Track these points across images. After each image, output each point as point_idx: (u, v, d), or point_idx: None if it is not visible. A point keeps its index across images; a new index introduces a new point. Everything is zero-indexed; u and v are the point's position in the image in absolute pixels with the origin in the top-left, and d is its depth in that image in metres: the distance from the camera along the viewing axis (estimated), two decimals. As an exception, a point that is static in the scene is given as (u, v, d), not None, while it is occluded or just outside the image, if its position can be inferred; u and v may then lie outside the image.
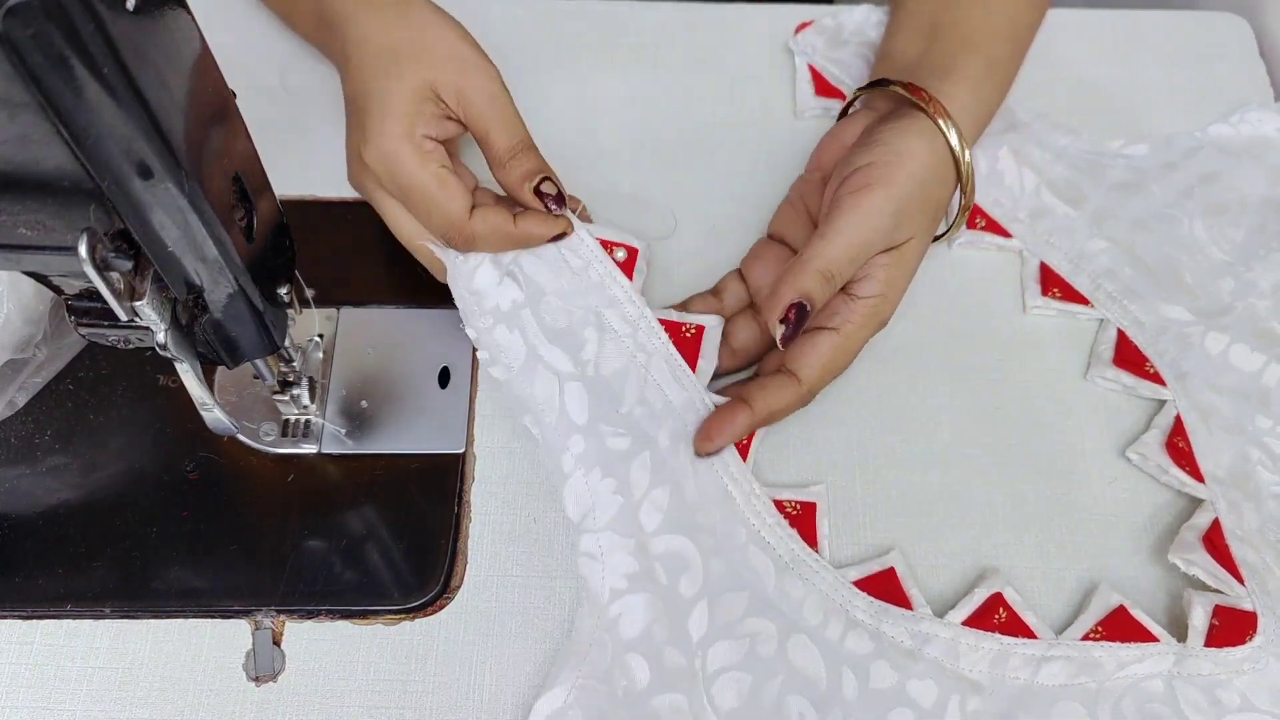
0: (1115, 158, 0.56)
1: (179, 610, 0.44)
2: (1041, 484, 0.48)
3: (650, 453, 0.45)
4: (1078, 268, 0.53)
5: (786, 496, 0.46)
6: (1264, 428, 0.48)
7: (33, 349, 0.47)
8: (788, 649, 0.42)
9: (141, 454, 0.47)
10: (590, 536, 0.44)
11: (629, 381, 0.46)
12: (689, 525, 0.44)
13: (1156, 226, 0.54)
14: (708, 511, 0.45)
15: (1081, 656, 0.42)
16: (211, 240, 0.33)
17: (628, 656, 0.42)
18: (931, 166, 0.46)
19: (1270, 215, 0.54)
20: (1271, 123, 0.57)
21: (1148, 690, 0.42)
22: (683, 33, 0.61)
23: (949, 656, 0.42)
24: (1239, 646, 0.42)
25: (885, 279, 0.45)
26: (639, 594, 0.43)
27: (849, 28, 0.60)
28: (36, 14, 0.24)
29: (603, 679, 0.42)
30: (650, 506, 0.44)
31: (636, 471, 0.45)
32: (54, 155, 0.28)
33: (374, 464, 0.47)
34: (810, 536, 0.45)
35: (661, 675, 0.42)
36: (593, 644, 0.42)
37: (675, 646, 0.42)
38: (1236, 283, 0.52)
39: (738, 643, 0.42)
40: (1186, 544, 0.45)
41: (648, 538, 0.44)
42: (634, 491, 0.45)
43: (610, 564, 0.43)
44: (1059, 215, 0.54)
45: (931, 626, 0.43)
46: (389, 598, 0.44)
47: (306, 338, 0.49)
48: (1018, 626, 0.43)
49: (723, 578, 0.44)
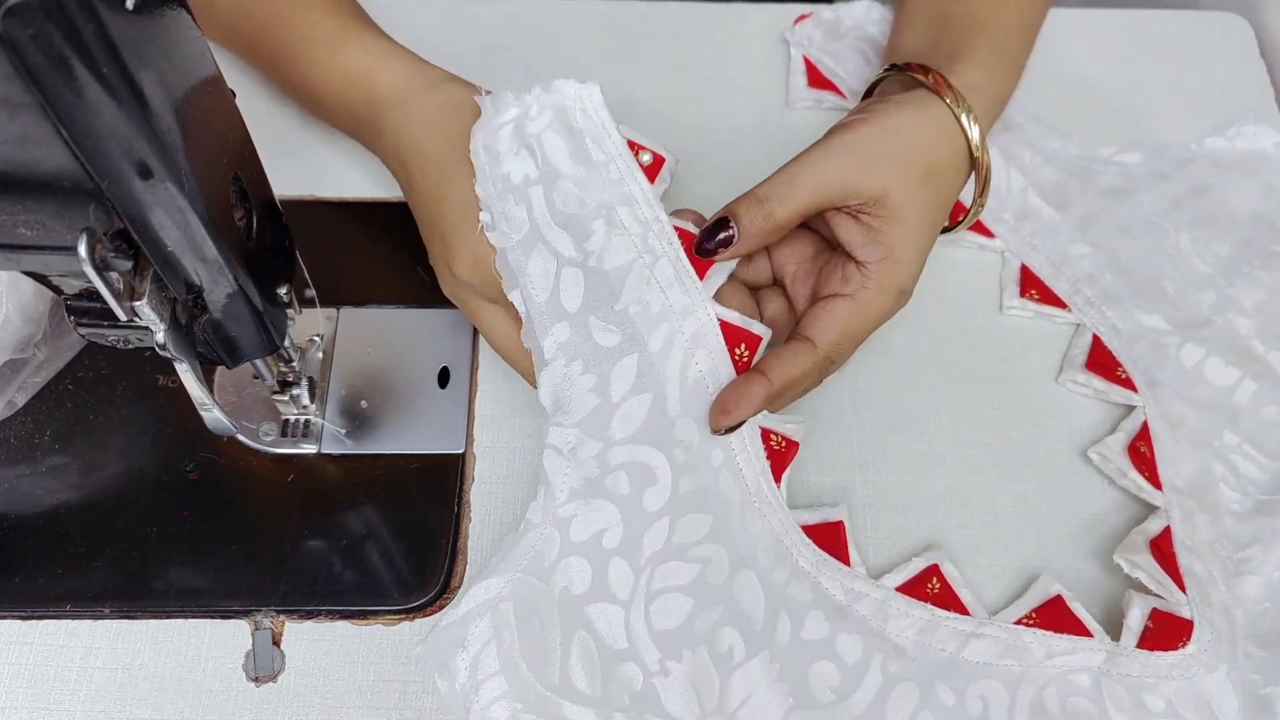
0: (1106, 164, 0.56)
1: (179, 610, 0.44)
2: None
3: (638, 356, 0.43)
4: (1059, 271, 0.53)
5: (774, 426, 0.44)
6: (1231, 444, 0.48)
7: (32, 349, 0.47)
8: (734, 582, 0.42)
9: (141, 454, 0.47)
10: (559, 430, 0.43)
11: (630, 278, 0.44)
12: (665, 438, 0.43)
13: (1142, 235, 0.53)
14: (687, 425, 0.43)
15: (1011, 639, 0.42)
16: (211, 240, 0.33)
17: (572, 559, 0.41)
18: (922, 125, 0.44)
19: (1258, 231, 0.54)
20: (1269, 137, 0.57)
21: (1074, 683, 0.42)
22: (683, 32, 0.61)
23: (877, 617, 0.42)
24: (1170, 652, 0.42)
25: (886, 241, 0.43)
26: (597, 499, 0.42)
27: (847, 22, 0.60)
28: (36, 14, 0.24)
29: (542, 576, 0.41)
30: (626, 413, 0.43)
31: (619, 373, 0.43)
32: (54, 155, 0.28)
33: (374, 464, 0.47)
34: (778, 474, 0.44)
35: (602, 584, 0.41)
36: (540, 539, 0.41)
37: (624, 558, 0.41)
38: (1218, 297, 0.52)
39: (689, 565, 0.42)
40: (1134, 546, 0.45)
41: (616, 444, 0.42)
42: (612, 394, 0.43)
43: (575, 462, 0.42)
44: (1044, 218, 0.54)
45: (865, 586, 0.43)
46: (389, 598, 0.44)
47: (306, 338, 0.49)
48: (951, 600, 0.43)
49: (690, 497, 0.42)
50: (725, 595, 0.42)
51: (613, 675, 0.40)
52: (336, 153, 0.56)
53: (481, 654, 0.39)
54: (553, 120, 0.46)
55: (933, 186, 0.44)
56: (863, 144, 0.43)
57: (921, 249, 0.44)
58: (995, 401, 0.50)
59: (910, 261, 0.44)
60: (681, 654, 0.41)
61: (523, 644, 0.40)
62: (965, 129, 0.45)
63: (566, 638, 0.40)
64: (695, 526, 0.42)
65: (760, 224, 0.43)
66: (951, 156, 0.45)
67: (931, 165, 0.44)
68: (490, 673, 0.39)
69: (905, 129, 0.44)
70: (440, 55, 0.59)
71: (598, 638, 0.40)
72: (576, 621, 0.40)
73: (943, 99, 0.45)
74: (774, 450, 0.44)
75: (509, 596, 0.40)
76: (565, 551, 0.41)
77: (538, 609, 0.40)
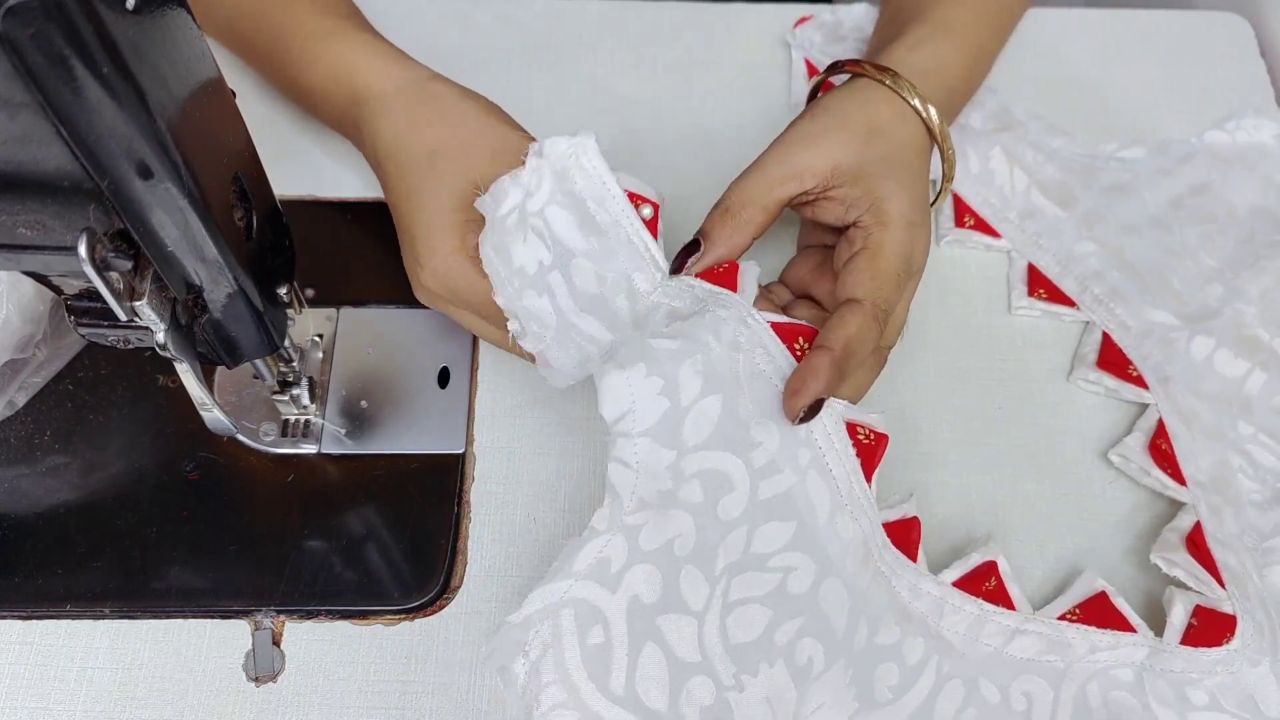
0: (1109, 161, 0.56)
1: (179, 610, 0.44)
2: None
3: (703, 355, 0.40)
4: (1065, 270, 0.53)
5: (860, 420, 0.42)
6: (1245, 434, 0.48)
7: (33, 349, 0.47)
8: (820, 590, 0.40)
9: (141, 454, 0.47)
10: (626, 443, 0.40)
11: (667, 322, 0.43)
12: (741, 441, 0.40)
13: (1147, 231, 0.54)
14: (764, 426, 0.40)
15: (1054, 634, 0.42)
16: (211, 240, 0.33)
17: (641, 566, 0.39)
18: (846, 100, 0.46)
19: (1259, 225, 0.54)
20: (1269, 129, 0.57)
21: (1116, 678, 0.42)
22: (682, 32, 0.61)
23: (934, 614, 0.42)
24: (1214, 648, 0.42)
25: (861, 197, 0.43)
26: (670, 509, 0.40)
27: (847, 24, 0.60)
28: (36, 14, 0.24)
29: (608, 584, 0.39)
30: (699, 416, 0.40)
31: (687, 373, 0.40)
32: (54, 155, 0.28)
33: (374, 464, 0.47)
34: (868, 471, 0.42)
35: (674, 593, 0.39)
36: (605, 545, 0.39)
37: (697, 567, 0.39)
38: (1225, 289, 0.52)
39: (768, 575, 0.40)
40: (1169, 545, 0.45)
41: (690, 451, 0.40)
42: (682, 396, 0.40)
43: (644, 474, 0.40)
44: (1049, 217, 0.54)
45: (926, 583, 0.43)
46: (389, 598, 0.44)
47: (306, 338, 0.49)
48: (1002, 596, 0.43)
49: (771, 503, 0.40)
50: (809, 605, 0.40)
51: (682, 689, 0.38)
52: (336, 153, 0.56)
53: (541, 661, 0.38)
54: (553, 191, 0.45)
55: (880, 139, 0.45)
56: (800, 129, 0.46)
57: (902, 183, 0.44)
58: (1003, 402, 0.50)
59: (895, 196, 0.43)
60: (759, 668, 0.39)
61: (583, 653, 0.38)
62: (896, 90, 0.46)
63: (635, 648, 0.38)
64: (776, 535, 0.40)
65: (720, 225, 0.44)
66: (888, 112, 0.46)
67: (869, 124, 0.45)
68: (548, 680, 0.38)
69: (833, 105, 0.46)
70: (440, 55, 0.59)
71: (668, 650, 0.39)
72: (646, 632, 0.39)
73: (862, 74, 0.47)
74: (862, 445, 0.42)
75: (569, 603, 0.39)
76: (634, 559, 0.39)
77: (602, 617, 0.39)
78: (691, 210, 0.55)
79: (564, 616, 0.38)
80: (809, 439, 0.41)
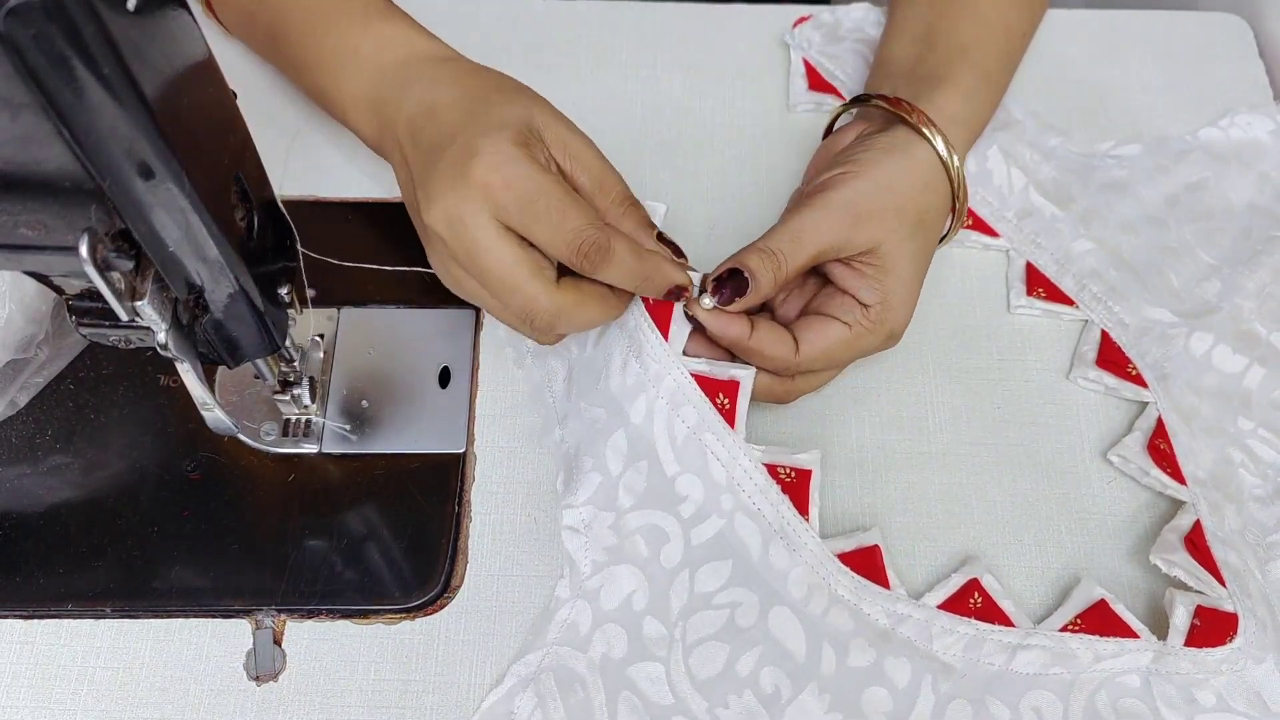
0: (1105, 159, 0.56)
1: (180, 610, 0.44)
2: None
3: (624, 430, 0.45)
4: (1063, 268, 0.53)
5: (780, 461, 0.45)
6: (1246, 429, 0.48)
7: (34, 349, 0.47)
8: (769, 620, 0.43)
9: (142, 454, 0.47)
10: (572, 511, 0.44)
11: (614, 355, 0.45)
12: (667, 497, 0.44)
13: (1144, 229, 0.54)
14: (688, 480, 0.44)
15: (1058, 647, 0.42)
16: (212, 240, 0.33)
17: (607, 626, 0.43)
18: (909, 174, 0.46)
19: (1255, 221, 0.54)
20: (1262, 126, 0.57)
21: (1124, 685, 0.42)
22: (682, 32, 0.61)
23: (922, 638, 0.42)
24: (1218, 648, 0.42)
25: (881, 287, 0.45)
26: (620, 565, 0.43)
27: (846, 24, 0.60)
28: (38, 14, 0.24)
29: (579, 646, 0.42)
30: (628, 483, 0.44)
31: (612, 449, 0.45)
32: (55, 155, 0.28)
33: (374, 464, 0.47)
34: (802, 505, 0.44)
35: (639, 645, 0.42)
36: (572, 612, 0.43)
37: (655, 616, 0.43)
38: (1223, 285, 0.52)
39: (717, 613, 0.43)
40: (1168, 545, 0.45)
41: (627, 512, 0.44)
42: (610, 469, 0.44)
43: (592, 536, 0.44)
44: (1046, 216, 0.54)
45: (907, 608, 0.43)
46: (389, 597, 0.44)
47: (307, 337, 0.49)
48: (994, 613, 0.43)
49: (705, 547, 0.44)
50: (762, 635, 0.42)
51: None
52: (337, 152, 0.56)
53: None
54: None
55: (922, 233, 0.46)
56: (856, 201, 0.45)
57: (913, 295, 0.46)
58: (1004, 401, 0.50)
59: (902, 307, 0.46)
60: (729, 700, 0.42)
61: (567, 711, 0.41)
62: (947, 164, 0.47)
63: (612, 700, 0.41)
64: (714, 574, 0.43)
65: (772, 278, 0.43)
66: (938, 201, 0.47)
67: (920, 213, 0.46)
68: None
69: (896, 182, 0.46)
70: (441, 56, 0.59)
71: (643, 696, 0.42)
72: (620, 683, 0.42)
73: (930, 142, 0.46)
74: (786, 483, 0.44)
75: (548, 668, 0.42)
76: (599, 620, 0.43)
77: (579, 676, 0.42)
78: (691, 210, 0.55)
79: (544, 681, 0.42)
80: (731, 485, 0.44)
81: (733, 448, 0.44)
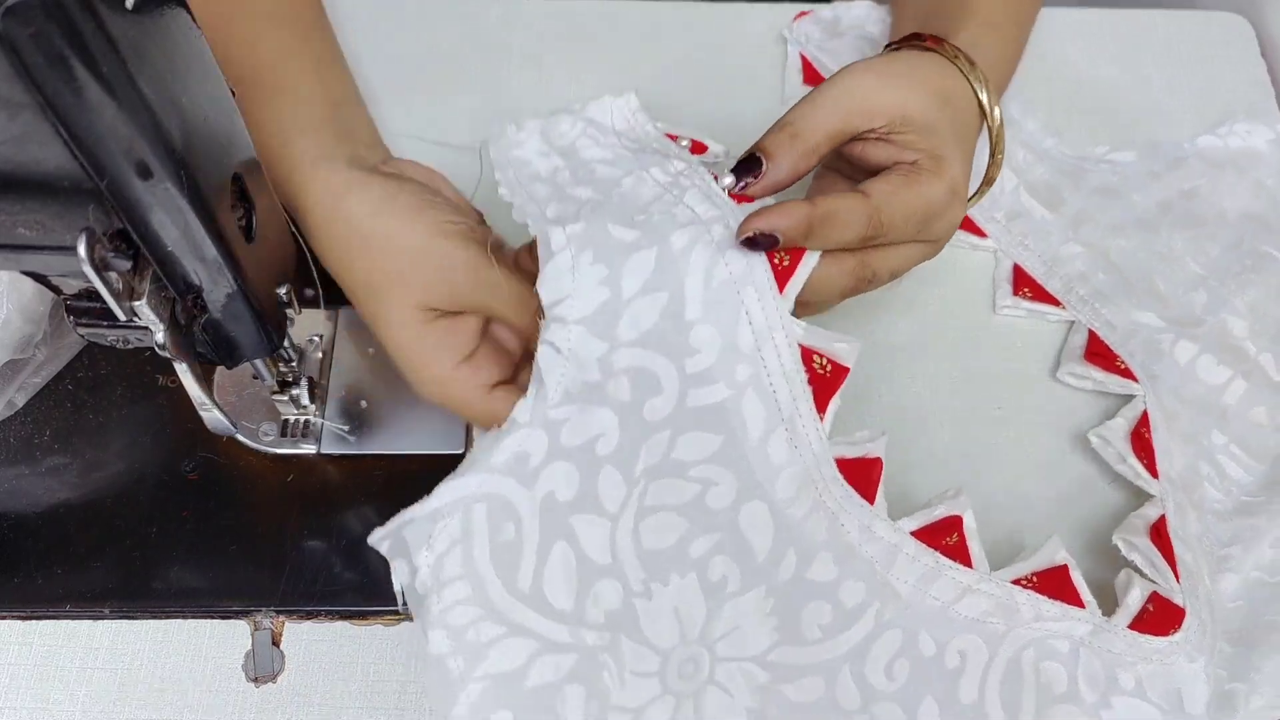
0: (1099, 163, 0.56)
1: (178, 610, 0.44)
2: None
3: (658, 249, 0.38)
4: (1051, 271, 0.53)
5: (819, 347, 0.40)
6: (1218, 444, 0.48)
7: (32, 349, 0.47)
8: (740, 511, 0.39)
9: (141, 454, 0.47)
10: (560, 327, 0.38)
11: (656, 202, 0.40)
12: (677, 345, 0.39)
13: (1134, 233, 0.53)
14: (707, 333, 0.39)
15: (1004, 597, 0.41)
16: (211, 240, 0.33)
17: (560, 463, 0.38)
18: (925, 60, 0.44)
19: (1247, 231, 0.54)
20: (1262, 135, 0.57)
21: (1052, 648, 0.41)
22: (682, 32, 0.61)
23: (884, 560, 0.40)
24: (1160, 637, 0.42)
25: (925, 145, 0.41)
26: (594, 405, 0.38)
27: (846, 20, 0.60)
28: (36, 13, 0.24)
29: (524, 480, 0.38)
30: (636, 312, 0.39)
31: (634, 267, 0.38)
32: (53, 155, 0.28)
33: (373, 464, 0.47)
34: (823, 402, 0.40)
35: (591, 493, 0.38)
36: (525, 439, 0.38)
37: (617, 468, 0.38)
38: (1210, 297, 0.51)
39: (687, 484, 0.39)
40: (1133, 529, 0.45)
41: (622, 346, 0.39)
42: (624, 288, 0.38)
43: (574, 363, 0.38)
44: (1035, 217, 0.54)
45: (880, 526, 0.40)
46: (388, 598, 0.44)
47: (306, 338, 0.48)
48: (961, 553, 0.42)
49: (699, 412, 0.39)
50: (727, 522, 0.39)
51: (589, 590, 0.38)
52: (336, 153, 0.55)
53: (447, 555, 0.37)
54: (586, 129, 0.45)
55: (950, 108, 0.43)
56: (876, 66, 0.43)
57: (965, 156, 0.43)
58: (991, 401, 0.50)
59: (957, 161, 0.42)
60: (669, 577, 0.38)
61: (492, 549, 0.37)
62: (968, 77, 0.44)
63: (545, 546, 0.38)
64: (700, 445, 0.39)
65: (788, 146, 0.40)
66: (961, 89, 0.44)
67: (944, 90, 0.43)
68: (453, 576, 0.37)
69: (912, 59, 0.44)
70: (440, 55, 0.59)
71: (579, 549, 0.38)
72: (558, 531, 0.38)
73: (941, 53, 0.45)
74: (816, 375, 0.39)
75: (483, 497, 0.38)
76: (554, 455, 0.38)
77: (515, 512, 0.38)
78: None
79: (476, 512, 0.38)
80: (754, 355, 0.39)
81: (773, 314, 0.39)
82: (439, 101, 0.56)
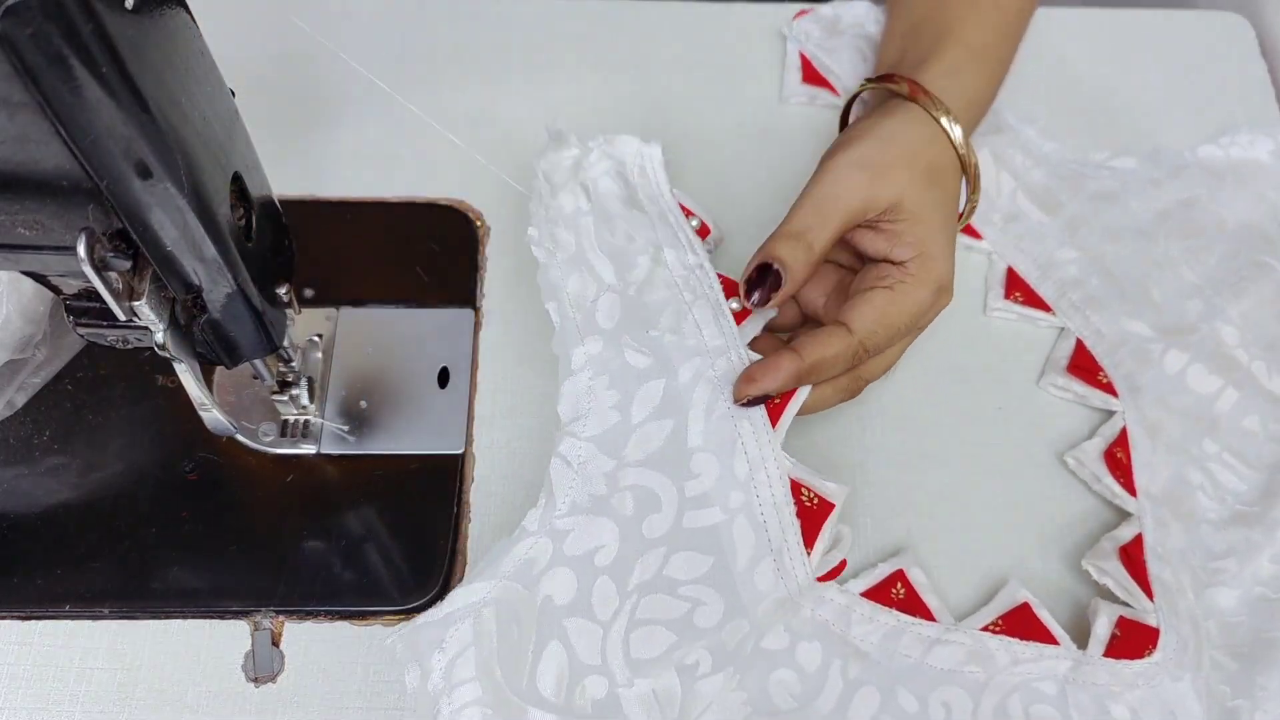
0: (1098, 169, 0.56)
1: (178, 611, 0.44)
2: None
3: (665, 382, 0.43)
4: (1045, 275, 0.53)
5: (807, 481, 0.43)
6: (1210, 452, 0.48)
7: (32, 349, 0.47)
8: (725, 628, 0.41)
9: (140, 454, 0.47)
10: (572, 442, 0.43)
11: (667, 311, 0.44)
12: (678, 468, 0.42)
13: (1129, 239, 0.53)
14: (706, 460, 0.42)
15: (976, 646, 0.42)
16: (210, 240, 0.33)
17: (559, 569, 0.41)
18: (908, 128, 0.46)
19: (1245, 241, 0.53)
20: (1264, 145, 0.56)
21: (1039, 690, 0.41)
22: (682, 32, 0.61)
23: (840, 622, 0.42)
24: (1136, 660, 0.42)
25: (913, 240, 0.44)
26: (598, 517, 0.41)
27: (846, 19, 0.60)
28: (35, 13, 0.24)
29: (528, 584, 0.40)
30: (644, 435, 0.42)
31: (645, 395, 0.43)
32: (53, 155, 0.28)
33: (373, 464, 0.47)
34: (811, 535, 0.42)
35: (586, 601, 0.40)
36: (532, 547, 0.41)
37: (613, 580, 0.41)
38: (1205, 306, 0.51)
39: (677, 602, 0.41)
40: (1102, 553, 0.45)
41: (629, 465, 0.42)
42: (634, 414, 0.43)
43: (583, 476, 0.42)
44: (1032, 221, 0.54)
45: (830, 592, 0.42)
46: (388, 598, 0.44)
47: (305, 338, 0.48)
48: (917, 606, 0.43)
49: (693, 534, 0.41)
50: (712, 638, 0.41)
51: (578, 685, 0.39)
52: (336, 153, 0.56)
53: (459, 658, 0.39)
54: (610, 169, 0.48)
55: (938, 185, 0.46)
56: (868, 158, 0.44)
57: (949, 243, 0.45)
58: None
59: (942, 257, 0.44)
60: (651, 673, 0.40)
61: (500, 650, 0.39)
62: (947, 130, 0.46)
63: (540, 645, 0.40)
64: (690, 565, 0.41)
65: (804, 258, 0.43)
66: (945, 156, 0.47)
67: (931, 165, 0.46)
68: (465, 678, 0.38)
69: (900, 135, 0.45)
70: (440, 55, 0.59)
71: (571, 651, 0.40)
72: (553, 631, 0.40)
73: (918, 104, 0.46)
74: (804, 507, 0.42)
75: (492, 602, 0.40)
76: (556, 562, 0.41)
77: (518, 615, 0.40)
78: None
79: (486, 616, 0.40)
80: (748, 484, 0.42)
81: (765, 447, 0.42)
82: (439, 101, 0.56)
